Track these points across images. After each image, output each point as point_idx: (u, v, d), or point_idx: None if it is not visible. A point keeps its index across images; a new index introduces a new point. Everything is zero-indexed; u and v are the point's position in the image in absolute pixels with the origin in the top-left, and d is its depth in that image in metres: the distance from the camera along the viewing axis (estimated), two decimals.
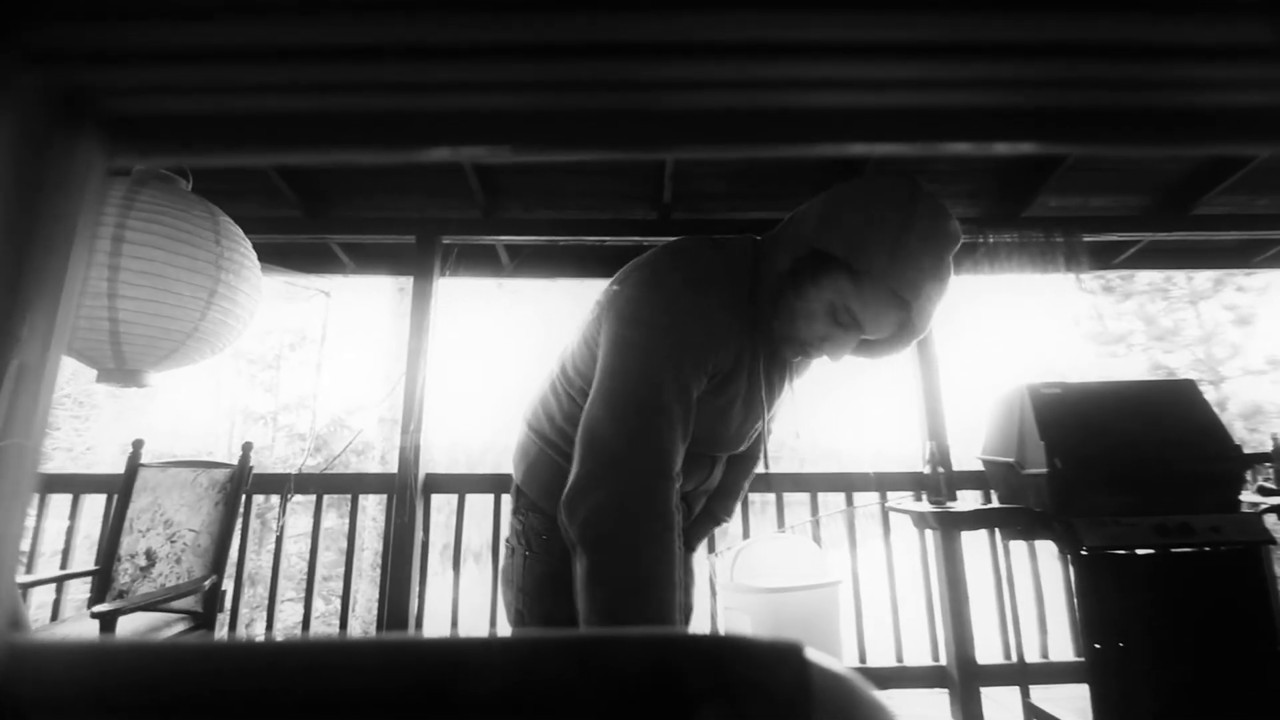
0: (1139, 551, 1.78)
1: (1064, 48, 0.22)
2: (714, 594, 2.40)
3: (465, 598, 2.48)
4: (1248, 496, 1.88)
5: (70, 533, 2.51)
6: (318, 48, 0.22)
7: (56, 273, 0.26)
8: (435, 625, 2.47)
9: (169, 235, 1.48)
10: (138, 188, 1.49)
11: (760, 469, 1.20)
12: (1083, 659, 1.74)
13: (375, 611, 2.43)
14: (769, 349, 0.94)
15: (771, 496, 2.62)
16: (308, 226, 2.76)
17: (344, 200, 2.80)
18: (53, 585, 2.28)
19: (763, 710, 0.20)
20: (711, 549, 2.49)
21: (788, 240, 0.86)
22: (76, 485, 2.57)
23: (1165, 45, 0.22)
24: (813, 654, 0.21)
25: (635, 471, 0.78)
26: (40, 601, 2.66)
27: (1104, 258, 3.07)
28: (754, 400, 0.96)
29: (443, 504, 2.62)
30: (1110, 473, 1.83)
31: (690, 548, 1.17)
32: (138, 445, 2.39)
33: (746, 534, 2.52)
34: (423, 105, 0.24)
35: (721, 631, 0.22)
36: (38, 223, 0.25)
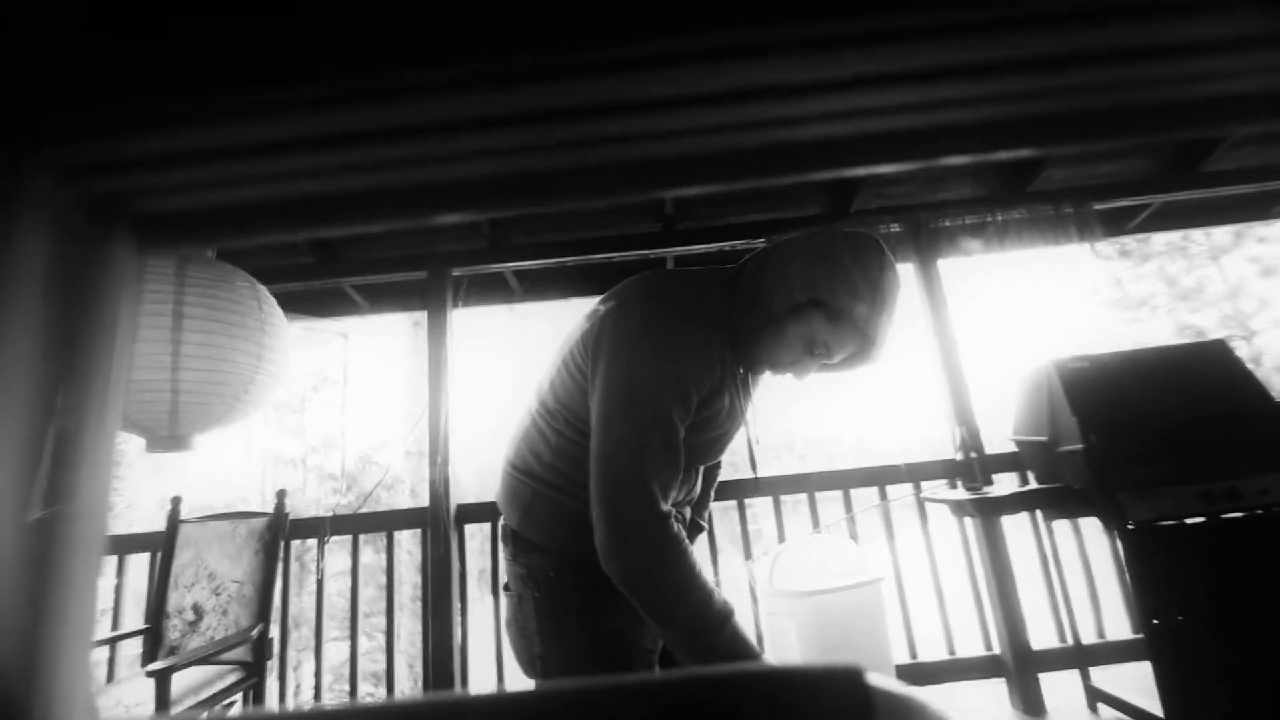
0: (1187, 521, 1.73)
1: (1045, 60, 0.23)
2: (755, 600, 2.38)
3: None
4: None
5: (118, 591, 2.56)
6: (325, 136, 0.23)
7: (102, 355, 0.27)
8: (478, 653, 2.47)
9: (222, 309, 1.58)
10: (185, 264, 1.58)
11: (748, 473, 1.32)
12: (1141, 636, 1.69)
13: (419, 644, 2.44)
14: (743, 367, 1.05)
15: (804, 496, 2.59)
16: (320, 272, 2.82)
17: (353, 243, 2.85)
18: (106, 646, 2.33)
19: None
20: (748, 555, 2.47)
21: (774, 282, 0.97)
22: (121, 546, 2.62)
23: (1141, 46, 0.22)
24: (874, 678, 0.21)
25: (644, 518, 0.88)
26: (94, 661, 2.71)
27: (1118, 224, 3.02)
28: (735, 412, 1.06)
29: (475, 531, 2.63)
30: (1148, 443, 1.79)
31: None
32: (176, 502, 2.43)
33: (782, 537, 2.50)
34: (431, 177, 0.25)
35: (777, 662, 0.21)
36: (79, 315, 0.26)
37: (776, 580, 2.14)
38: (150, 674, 1.71)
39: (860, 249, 0.96)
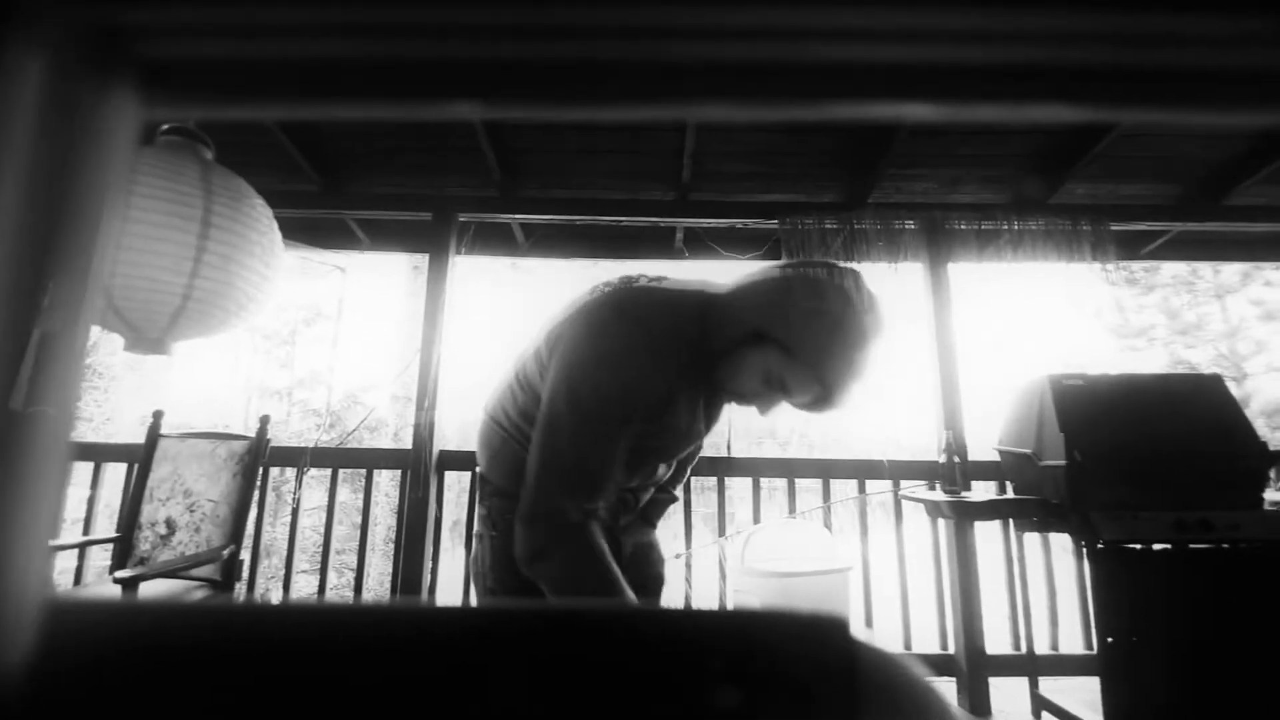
0: (1156, 546, 1.75)
1: None
2: (723, 577, 2.41)
3: None
4: (1270, 495, 1.84)
5: (92, 501, 2.56)
6: None
7: (87, 237, 0.25)
8: (447, 599, 2.50)
9: (243, 222, 1.58)
10: (209, 173, 1.57)
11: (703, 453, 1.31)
12: (1094, 652, 1.72)
13: (388, 585, 2.47)
14: (710, 388, 1.06)
15: (783, 482, 2.61)
16: (324, 202, 2.77)
17: (361, 176, 2.80)
18: (75, 551, 2.34)
19: (806, 685, 0.19)
20: (722, 532, 2.50)
21: (738, 312, 0.98)
22: (98, 454, 2.62)
23: None
24: (858, 630, 0.20)
25: (565, 509, 0.93)
26: (62, 568, 2.73)
27: (1132, 247, 3.00)
28: (689, 433, 1.09)
29: (454, 481, 2.64)
30: (1130, 466, 1.80)
31: (652, 525, 1.29)
32: (158, 416, 2.42)
33: (757, 519, 2.52)
34: (448, 52, 0.22)
35: (765, 606, 0.21)
36: (68, 182, 0.24)
37: (747, 559, 2.17)
38: (118, 581, 1.71)
39: (826, 285, 0.94)
